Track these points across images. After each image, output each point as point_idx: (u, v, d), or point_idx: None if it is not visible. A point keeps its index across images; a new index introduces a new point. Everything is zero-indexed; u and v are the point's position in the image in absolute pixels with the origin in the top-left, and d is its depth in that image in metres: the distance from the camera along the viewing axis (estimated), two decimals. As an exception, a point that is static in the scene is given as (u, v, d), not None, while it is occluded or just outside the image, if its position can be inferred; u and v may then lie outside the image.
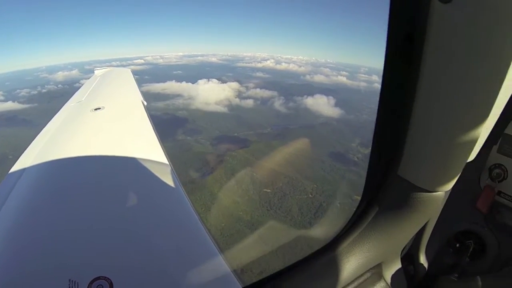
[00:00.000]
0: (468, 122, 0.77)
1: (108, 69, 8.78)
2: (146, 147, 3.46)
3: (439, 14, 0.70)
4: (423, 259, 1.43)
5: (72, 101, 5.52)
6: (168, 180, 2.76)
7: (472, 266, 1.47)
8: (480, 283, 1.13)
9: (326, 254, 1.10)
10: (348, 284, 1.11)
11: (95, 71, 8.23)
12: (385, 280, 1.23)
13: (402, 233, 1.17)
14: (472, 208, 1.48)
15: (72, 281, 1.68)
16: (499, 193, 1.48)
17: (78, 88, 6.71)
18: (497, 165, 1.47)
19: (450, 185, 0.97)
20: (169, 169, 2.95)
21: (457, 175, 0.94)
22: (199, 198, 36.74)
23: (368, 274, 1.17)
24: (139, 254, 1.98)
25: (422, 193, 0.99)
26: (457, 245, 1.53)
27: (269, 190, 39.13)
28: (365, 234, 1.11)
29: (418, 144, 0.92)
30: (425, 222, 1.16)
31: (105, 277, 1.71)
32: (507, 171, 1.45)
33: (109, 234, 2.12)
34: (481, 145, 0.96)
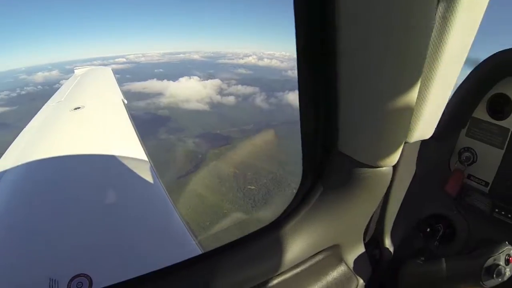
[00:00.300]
0: (395, 95, 0.76)
1: (89, 68, 8.71)
2: (125, 145, 3.43)
3: None
4: (388, 243, 1.40)
5: (52, 101, 5.47)
6: (148, 177, 2.77)
7: (442, 250, 1.48)
8: (444, 265, 1.14)
9: (270, 234, 1.03)
10: (297, 265, 1.08)
11: (75, 71, 8.19)
12: (346, 264, 1.21)
13: (353, 213, 1.12)
14: (442, 191, 1.49)
15: (52, 279, 1.69)
16: (469, 176, 1.51)
17: (59, 89, 6.62)
18: (466, 148, 1.49)
19: (393, 160, 0.94)
20: (148, 166, 2.96)
21: (397, 150, 0.92)
22: (183, 197, 36.48)
23: (320, 256, 1.14)
24: (118, 250, 1.98)
25: (366, 168, 0.95)
26: (427, 229, 1.53)
27: (253, 187, 39.15)
28: (311, 214, 1.05)
29: (351, 118, 0.89)
30: (376, 201, 1.13)
31: (85, 274, 1.72)
32: (476, 154, 1.48)
33: (88, 232, 2.12)
34: (435, 123, 0.98)
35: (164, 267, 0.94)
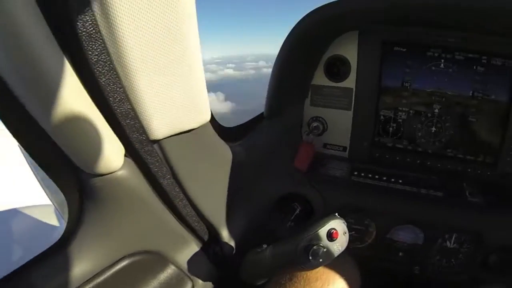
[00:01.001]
0: (62, 110, 0.67)
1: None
2: (24, 193, 3.36)
3: None
4: (227, 237, 1.24)
5: None
6: (52, 220, 2.78)
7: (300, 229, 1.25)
8: (267, 252, 1.04)
9: (55, 255, 0.91)
10: (98, 275, 0.95)
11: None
12: (176, 266, 1.12)
13: (133, 219, 1.00)
14: (294, 169, 1.37)
15: None
16: (325, 145, 1.44)
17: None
18: (314, 118, 1.42)
19: (114, 166, 0.86)
20: (52, 209, 2.96)
21: (110, 155, 0.83)
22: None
23: (124, 263, 1.01)
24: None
25: (98, 178, 0.86)
26: (284, 211, 1.42)
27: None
28: (89, 228, 0.94)
29: (54, 131, 0.75)
30: (137, 204, 1.00)
31: None
32: (325, 122, 1.40)
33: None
34: (205, 105, 0.98)
35: None
